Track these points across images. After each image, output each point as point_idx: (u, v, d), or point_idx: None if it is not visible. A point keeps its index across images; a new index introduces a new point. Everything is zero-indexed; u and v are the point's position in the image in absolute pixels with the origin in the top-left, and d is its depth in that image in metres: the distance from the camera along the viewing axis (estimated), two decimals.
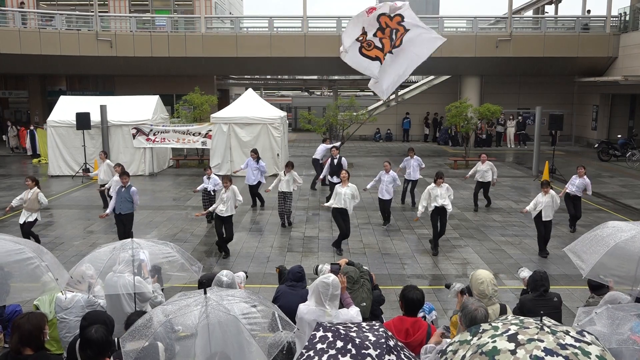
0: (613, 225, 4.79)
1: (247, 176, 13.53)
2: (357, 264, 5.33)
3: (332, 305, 4.26)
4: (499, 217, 13.03)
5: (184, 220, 12.74)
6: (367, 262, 9.42)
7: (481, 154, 14.16)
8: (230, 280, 4.79)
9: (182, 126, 19.13)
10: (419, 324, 4.35)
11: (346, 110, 21.44)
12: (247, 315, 3.24)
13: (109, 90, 29.90)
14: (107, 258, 5.09)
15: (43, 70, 27.39)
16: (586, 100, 27.55)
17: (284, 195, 11.99)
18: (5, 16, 23.85)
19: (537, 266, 8.92)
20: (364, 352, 2.57)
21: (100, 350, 3.63)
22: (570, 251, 4.92)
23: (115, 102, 19.37)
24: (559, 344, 2.22)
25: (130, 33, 24.14)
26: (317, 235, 11.47)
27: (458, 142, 26.88)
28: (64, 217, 12.96)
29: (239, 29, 25.03)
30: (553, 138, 21.59)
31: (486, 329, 2.44)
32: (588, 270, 4.48)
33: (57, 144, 18.56)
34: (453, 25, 26.46)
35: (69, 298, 5.38)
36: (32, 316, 3.75)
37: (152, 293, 5.51)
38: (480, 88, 27.32)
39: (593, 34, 24.28)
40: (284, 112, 20.20)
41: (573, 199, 11.55)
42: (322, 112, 29.91)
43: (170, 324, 3.25)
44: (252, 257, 9.98)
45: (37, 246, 4.73)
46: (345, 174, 10.11)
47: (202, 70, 26.54)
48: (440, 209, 10.02)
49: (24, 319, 3.70)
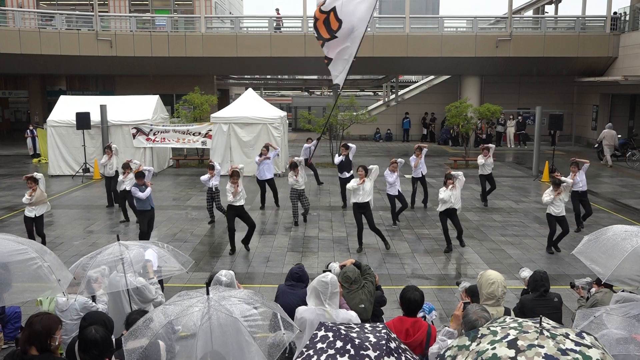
0: (625, 229, 4.77)
1: (261, 172, 13.40)
2: (364, 265, 5.32)
3: (331, 305, 4.26)
4: (499, 217, 13.04)
5: (184, 220, 12.74)
6: (367, 262, 9.41)
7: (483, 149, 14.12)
8: (229, 280, 4.80)
9: (182, 126, 19.13)
10: (419, 324, 4.35)
11: (346, 110, 21.47)
12: (248, 317, 3.25)
13: (109, 90, 29.92)
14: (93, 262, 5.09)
15: (43, 70, 27.40)
16: (586, 100, 27.55)
17: (297, 193, 12.07)
18: (5, 16, 23.86)
19: (538, 266, 8.92)
20: (362, 353, 2.57)
21: (100, 351, 3.63)
22: (582, 256, 4.87)
23: (115, 102, 19.37)
24: (560, 349, 2.21)
25: (130, 33, 24.15)
26: (317, 235, 11.47)
27: (458, 142, 26.89)
28: (64, 217, 12.96)
29: (239, 28, 25.03)
30: (553, 138, 21.59)
31: (485, 333, 2.42)
32: (608, 275, 4.45)
33: (57, 143, 18.56)
34: (453, 25, 26.48)
35: (65, 301, 5.40)
36: (46, 318, 3.72)
37: (154, 294, 5.52)
38: (480, 88, 27.33)
39: (593, 34, 24.29)
40: (284, 112, 20.19)
41: (580, 196, 11.42)
42: (322, 112, 29.94)
43: (171, 325, 3.25)
44: (252, 257, 9.99)
45: (40, 246, 4.73)
46: (362, 170, 10.05)
47: (202, 70, 26.55)
48: (449, 209, 10.05)
49: (38, 319, 3.67)
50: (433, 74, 30.82)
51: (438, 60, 24.64)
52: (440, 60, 24.65)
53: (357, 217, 10.21)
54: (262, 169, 13.36)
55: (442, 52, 24.10)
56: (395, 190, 11.78)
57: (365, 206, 10.03)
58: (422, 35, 24.54)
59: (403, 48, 23.96)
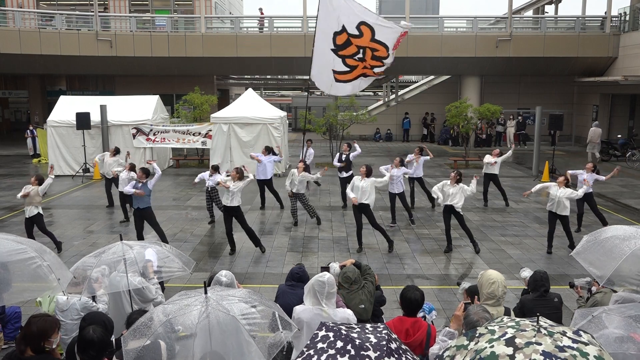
0: (624, 229, 4.75)
1: (261, 171, 13.25)
2: (364, 265, 5.33)
3: (329, 304, 4.27)
4: (499, 217, 13.04)
5: (184, 220, 12.75)
6: (367, 262, 9.40)
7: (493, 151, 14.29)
8: (229, 280, 4.81)
9: (182, 126, 19.14)
10: (419, 324, 4.35)
11: (346, 110, 21.47)
12: (247, 316, 3.25)
13: (109, 90, 29.92)
14: (97, 261, 5.09)
15: (43, 70, 27.40)
16: (586, 100, 27.56)
17: (296, 195, 11.96)
18: (5, 16, 23.86)
19: (538, 266, 8.92)
20: (363, 353, 2.57)
21: (96, 351, 3.62)
22: (580, 257, 4.87)
23: (115, 102, 19.38)
24: (557, 346, 2.22)
25: (130, 33, 24.15)
26: (317, 235, 11.47)
27: (458, 142, 26.90)
28: (64, 217, 12.96)
29: (239, 29, 25.04)
30: (553, 138, 21.60)
31: (483, 332, 2.43)
32: (606, 279, 4.43)
33: (57, 143, 18.57)
34: (453, 25, 26.48)
35: (65, 300, 5.40)
36: (43, 320, 3.71)
37: (154, 294, 5.52)
38: (480, 88, 27.34)
39: (593, 34, 24.29)
40: (284, 112, 20.20)
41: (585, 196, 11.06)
42: (322, 112, 29.95)
43: (171, 324, 3.25)
44: (252, 257, 9.99)
45: (40, 246, 4.73)
46: (364, 168, 10.03)
47: (202, 70, 26.55)
48: (450, 207, 10.06)
49: (35, 319, 3.67)
50: (433, 74, 30.81)
51: (438, 60, 24.65)
52: (440, 60, 24.66)
53: (356, 216, 10.21)
54: (261, 169, 13.31)
55: (442, 52, 24.11)
56: (399, 188, 11.77)
57: (363, 207, 10.03)
58: (422, 35, 24.55)
59: (403, 48, 23.76)
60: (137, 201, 10.01)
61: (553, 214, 9.95)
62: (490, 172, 13.84)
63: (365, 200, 9.88)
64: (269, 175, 13.34)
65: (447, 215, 10.20)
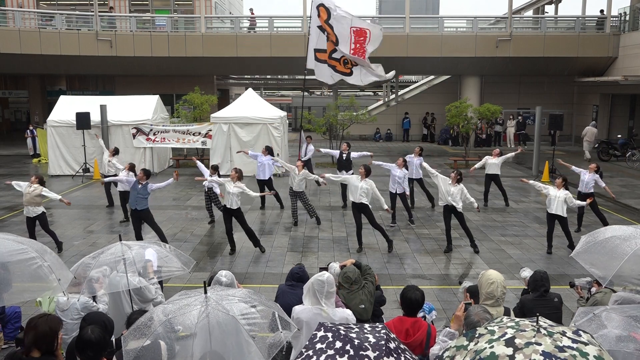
0: (623, 229, 4.73)
1: (259, 172, 13.29)
2: (364, 265, 5.33)
3: (328, 304, 4.27)
4: (499, 217, 13.04)
5: (184, 220, 12.75)
6: (367, 262, 9.41)
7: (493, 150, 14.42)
8: (229, 280, 4.81)
9: (182, 126, 19.13)
10: (419, 324, 4.35)
11: (346, 110, 21.47)
12: (247, 316, 3.25)
13: (109, 90, 29.93)
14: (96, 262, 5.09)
15: (43, 70, 27.41)
16: (586, 100, 27.56)
17: (295, 194, 11.94)
18: (5, 16, 23.86)
19: (538, 266, 8.92)
20: (362, 353, 2.57)
21: (94, 352, 3.62)
22: (580, 258, 4.85)
23: (115, 102, 19.37)
24: (557, 346, 2.22)
25: (130, 33, 24.15)
26: (317, 235, 11.47)
27: (458, 142, 26.89)
28: (64, 217, 12.96)
29: (239, 29, 25.05)
30: (553, 138, 21.61)
31: (482, 333, 2.43)
32: (608, 279, 4.42)
33: (57, 143, 18.57)
34: (453, 25, 26.48)
35: (65, 300, 5.39)
36: (50, 318, 3.70)
37: (154, 294, 5.53)
38: (480, 88, 27.33)
39: (593, 34, 24.29)
40: (284, 112, 20.20)
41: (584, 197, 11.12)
42: (322, 112, 29.94)
43: (170, 324, 3.25)
44: (252, 257, 9.99)
45: (40, 246, 4.72)
46: (363, 169, 10.03)
47: (202, 70, 26.55)
48: (450, 207, 10.06)
49: (42, 320, 3.64)
50: (433, 74, 30.82)
51: (438, 60, 24.65)
52: (440, 60, 24.65)
53: (356, 216, 10.22)
54: (260, 169, 13.33)
55: (442, 52, 24.11)
56: (400, 188, 11.77)
57: (361, 207, 10.03)
58: (422, 35, 24.55)
59: (403, 48, 23.95)
60: (135, 202, 10.03)
61: (551, 214, 9.96)
62: (492, 172, 13.87)
63: (363, 200, 9.91)
64: (268, 175, 13.35)
65: (447, 215, 10.21)
